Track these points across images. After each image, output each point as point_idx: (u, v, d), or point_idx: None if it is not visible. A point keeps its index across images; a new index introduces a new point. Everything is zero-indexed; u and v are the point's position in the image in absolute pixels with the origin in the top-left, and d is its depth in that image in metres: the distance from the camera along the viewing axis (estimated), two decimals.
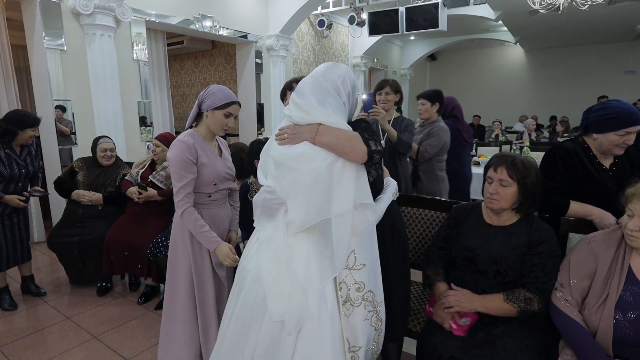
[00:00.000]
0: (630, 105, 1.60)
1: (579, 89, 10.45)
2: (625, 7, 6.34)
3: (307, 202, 1.19)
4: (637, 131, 1.57)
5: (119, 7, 3.81)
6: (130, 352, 2.17)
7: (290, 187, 1.22)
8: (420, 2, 5.45)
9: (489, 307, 1.36)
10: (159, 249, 2.48)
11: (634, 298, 1.15)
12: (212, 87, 1.72)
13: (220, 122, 1.72)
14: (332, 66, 1.32)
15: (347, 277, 1.22)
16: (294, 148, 1.24)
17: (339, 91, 1.28)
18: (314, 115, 1.24)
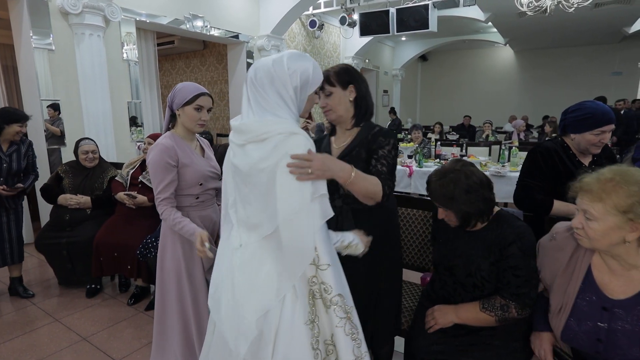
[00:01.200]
0: (604, 105, 1.65)
1: (567, 89, 10.62)
2: (611, 9, 6.46)
3: (266, 205, 1.08)
4: (611, 130, 1.62)
5: (108, 7, 3.78)
6: (120, 353, 2.16)
7: (251, 193, 1.11)
8: (411, 3, 5.49)
9: (465, 319, 1.31)
10: (148, 250, 2.47)
11: (591, 308, 1.08)
12: (178, 85, 1.69)
13: (193, 118, 1.67)
14: (289, 57, 1.13)
15: (317, 275, 1.08)
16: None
17: (283, 82, 1.10)
18: (259, 129, 1.08)
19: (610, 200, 0.98)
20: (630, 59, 9.83)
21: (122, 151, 4.12)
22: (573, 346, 1.15)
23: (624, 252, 1.03)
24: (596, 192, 1.00)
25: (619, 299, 1.05)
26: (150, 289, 2.85)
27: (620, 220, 0.97)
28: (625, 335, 1.02)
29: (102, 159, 3.06)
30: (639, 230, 0.98)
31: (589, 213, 1.01)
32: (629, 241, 1.00)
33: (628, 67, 9.86)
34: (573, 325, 1.10)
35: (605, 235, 1.00)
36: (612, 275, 1.08)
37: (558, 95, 10.74)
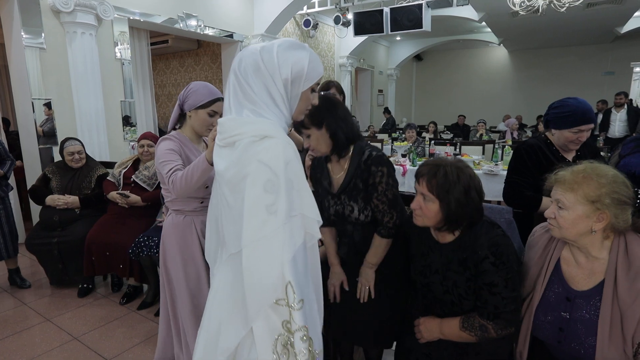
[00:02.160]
0: (586, 104, 1.68)
1: (561, 89, 10.67)
2: (602, 9, 6.51)
3: (232, 220, 0.92)
4: (589, 129, 1.65)
5: (100, 5, 3.76)
6: (111, 352, 2.15)
7: (220, 205, 0.98)
8: (405, 2, 5.51)
9: (448, 334, 1.24)
10: (141, 249, 2.47)
11: (557, 299, 1.14)
12: (193, 84, 1.59)
13: (204, 122, 1.58)
14: (281, 45, 0.95)
15: (291, 320, 0.85)
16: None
17: (272, 76, 0.93)
18: (233, 130, 0.93)
19: (581, 191, 1.04)
20: (622, 59, 9.90)
21: (115, 150, 4.09)
22: (537, 336, 1.17)
23: (589, 243, 1.09)
24: (569, 182, 1.07)
25: (582, 290, 1.10)
26: (143, 288, 2.84)
27: (588, 210, 1.04)
28: (583, 324, 1.07)
29: (89, 158, 3.04)
30: (605, 221, 1.04)
31: (561, 202, 1.07)
32: (595, 230, 1.06)
33: (620, 67, 9.94)
34: (540, 314, 1.15)
35: (574, 223, 1.06)
36: (578, 268, 1.13)
37: (552, 94, 10.76)
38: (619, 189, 1.03)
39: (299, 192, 0.88)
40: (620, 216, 1.03)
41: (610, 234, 1.09)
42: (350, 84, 8.33)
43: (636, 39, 9.49)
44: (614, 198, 1.03)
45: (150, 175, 2.81)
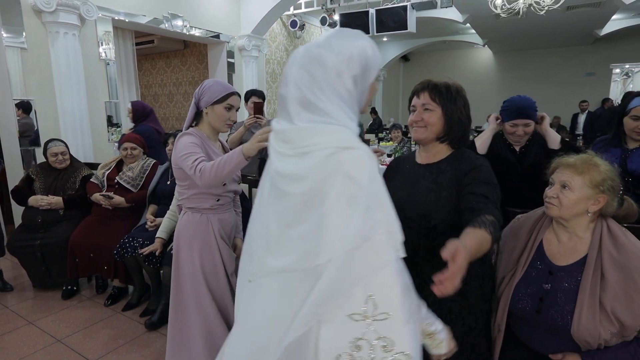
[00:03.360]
0: (526, 101, 1.84)
1: (544, 89, 10.90)
2: (582, 12, 6.68)
3: (290, 237, 0.83)
4: (524, 124, 1.82)
5: (83, 5, 3.72)
6: (96, 353, 2.15)
7: (279, 215, 0.86)
8: (390, 4, 5.57)
9: (474, 247, 0.95)
10: (126, 250, 2.46)
11: (538, 274, 1.24)
12: (207, 81, 1.62)
13: (222, 117, 1.61)
14: (338, 36, 0.86)
15: (367, 331, 0.77)
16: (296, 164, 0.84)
17: (339, 73, 0.83)
18: (305, 141, 0.83)
19: (588, 175, 1.17)
20: (602, 60, 10.17)
21: (99, 151, 4.06)
22: (516, 308, 1.25)
23: (579, 223, 1.21)
24: (578, 167, 1.19)
25: (563, 265, 1.21)
26: (128, 290, 2.82)
27: (591, 193, 1.17)
28: (564, 293, 1.18)
29: (74, 159, 3.02)
30: (600, 204, 1.18)
31: (567, 183, 1.19)
32: (590, 212, 1.19)
33: (600, 68, 10.19)
34: (521, 287, 1.25)
35: (577, 203, 1.18)
36: (560, 246, 1.24)
37: (536, 95, 10.85)
38: (615, 177, 1.18)
39: (384, 208, 0.79)
40: (611, 202, 1.18)
41: (595, 218, 1.21)
42: None
43: (615, 41, 9.75)
44: (611, 185, 1.17)
45: (134, 176, 2.80)
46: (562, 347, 1.18)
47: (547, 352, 1.22)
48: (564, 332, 1.15)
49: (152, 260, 2.42)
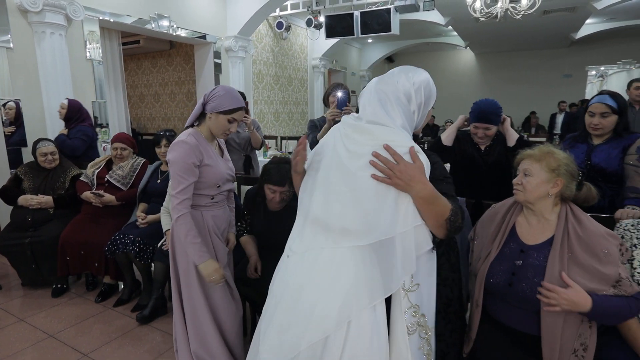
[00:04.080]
0: (488, 106, 1.99)
1: (524, 90, 11.24)
2: (558, 16, 6.95)
3: (365, 213, 1.04)
4: (484, 128, 2.00)
5: (70, 5, 3.74)
6: (89, 347, 2.20)
7: (349, 194, 1.06)
8: (374, 7, 5.70)
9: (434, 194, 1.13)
10: (117, 246, 2.51)
11: (511, 253, 1.39)
12: (219, 88, 1.65)
13: (223, 127, 1.66)
14: (409, 70, 1.16)
15: (403, 301, 1.06)
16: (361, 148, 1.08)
17: (409, 98, 1.13)
18: (380, 137, 1.08)
19: (544, 162, 1.34)
20: (578, 63, 10.53)
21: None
22: (491, 282, 1.39)
23: (544, 206, 1.36)
24: (536, 156, 1.36)
25: (533, 244, 1.37)
26: (119, 286, 2.87)
27: (549, 177, 1.33)
28: (533, 268, 1.31)
29: (63, 158, 3.04)
30: (558, 187, 1.33)
31: (528, 170, 1.36)
32: (550, 195, 1.34)
33: (577, 70, 10.55)
34: (496, 264, 1.39)
35: (537, 187, 1.34)
36: (530, 228, 1.40)
37: (516, 95, 11.34)
38: (570, 163, 1.35)
39: None
40: (569, 185, 1.34)
41: (558, 202, 1.37)
42: (323, 85, 8.49)
43: (590, 44, 10.13)
44: (567, 170, 1.33)
45: (124, 174, 2.85)
46: (529, 321, 1.31)
47: (516, 326, 1.35)
48: (533, 304, 1.28)
49: (143, 256, 2.48)
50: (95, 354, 2.14)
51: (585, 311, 1.19)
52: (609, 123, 1.94)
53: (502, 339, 1.38)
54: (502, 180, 2.00)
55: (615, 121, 1.94)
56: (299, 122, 8.21)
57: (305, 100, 8.37)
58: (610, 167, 1.95)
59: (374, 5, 5.79)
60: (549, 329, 1.24)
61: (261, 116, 7.01)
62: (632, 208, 1.78)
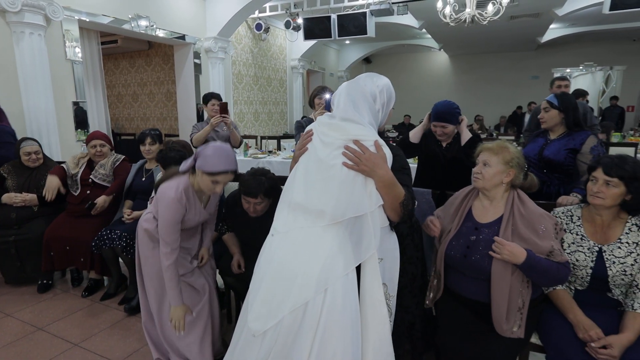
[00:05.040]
0: (445, 108, 2.23)
1: (495, 91, 11.75)
2: (523, 21, 7.35)
3: (338, 196, 1.21)
4: (441, 126, 2.23)
5: (49, 6, 3.76)
6: (79, 337, 2.29)
7: (325, 181, 1.24)
8: (350, 10, 5.91)
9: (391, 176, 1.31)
10: (103, 241, 2.59)
11: (467, 230, 1.61)
12: (211, 148, 1.68)
13: (208, 186, 1.70)
14: (374, 76, 1.36)
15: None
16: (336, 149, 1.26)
17: (375, 98, 1.32)
18: (351, 132, 1.26)
19: (501, 155, 1.56)
20: (545, 65, 11.10)
21: (67, 152, 4.08)
22: (449, 256, 1.60)
23: (497, 192, 1.59)
24: (494, 149, 1.58)
25: (486, 222, 1.59)
26: (104, 281, 2.95)
27: (504, 168, 1.55)
28: (484, 242, 1.53)
29: (47, 157, 3.08)
30: (510, 177, 1.56)
31: (487, 162, 1.57)
32: (504, 182, 1.57)
33: (544, 72, 11.13)
34: (454, 240, 1.60)
35: (494, 176, 1.55)
36: (483, 210, 1.62)
37: (488, 95, 11.83)
38: (520, 157, 1.58)
39: None
40: (518, 175, 1.57)
41: (508, 189, 1.59)
42: (302, 85, 8.64)
43: (555, 48, 10.69)
44: (518, 162, 1.55)
45: (107, 172, 2.90)
46: (481, 290, 1.51)
47: (470, 296, 1.57)
48: (484, 273, 1.49)
49: (129, 251, 2.58)
50: (85, 344, 2.23)
51: (521, 262, 1.40)
52: (550, 117, 2.22)
53: (458, 307, 1.59)
54: (460, 174, 2.22)
55: (556, 115, 2.20)
56: (279, 122, 8.34)
57: (284, 100, 8.50)
58: (557, 160, 2.20)
59: (350, 8, 6.00)
60: (497, 294, 1.45)
61: (241, 116, 7.11)
62: (575, 195, 2.02)
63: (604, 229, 1.55)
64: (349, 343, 1.20)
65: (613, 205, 1.50)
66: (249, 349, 1.28)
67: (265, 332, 1.23)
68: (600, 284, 1.51)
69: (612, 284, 1.49)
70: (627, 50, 10.27)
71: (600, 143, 2.17)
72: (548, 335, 1.53)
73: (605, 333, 1.41)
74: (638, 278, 1.46)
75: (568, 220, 1.62)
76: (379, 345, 1.26)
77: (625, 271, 1.46)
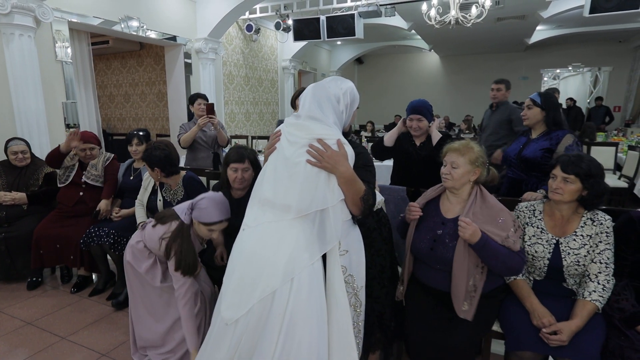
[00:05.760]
0: (419, 103, 2.35)
1: (485, 91, 11.76)
2: (510, 23, 7.48)
3: (302, 191, 1.30)
4: (417, 119, 2.34)
5: (39, 8, 3.81)
6: (67, 331, 2.36)
7: (291, 178, 1.32)
8: (339, 12, 6.00)
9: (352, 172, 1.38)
10: (92, 239, 2.67)
11: (434, 224, 1.70)
12: (207, 200, 1.82)
13: (204, 234, 1.86)
14: (338, 79, 1.46)
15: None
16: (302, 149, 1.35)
17: (338, 100, 1.41)
18: (315, 131, 1.35)
19: (467, 155, 1.64)
20: (534, 66, 11.29)
21: None
22: (417, 248, 1.69)
23: (463, 190, 1.68)
24: (461, 150, 1.65)
25: (451, 217, 1.68)
26: (93, 278, 3.02)
27: (471, 168, 1.63)
28: (449, 235, 1.63)
29: (35, 157, 3.14)
30: (477, 175, 1.65)
31: (455, 163, 1.64)
32: (471, 181, 1.66)
33: (533, 73, 11.32)
34: (422, 234, 1.69)
35: (462, 176, 1.64)
36: (450, 205, 1.71)
37: (476, 96, 11.97)
38: (484, 155, 1.66)
39: None
40: (483, 173, 1.66)
41: (473, 185, 1.67)
42: (293, 86, 8.72)
43: (543, 49, 10.86)
44: (482, 161, 1.64)
45: (98, 173, 2.96)
46: (444, 281, 1.61)
47: (434, 285, 1.67)
48: (447, 265, 1.59)
49: (117, 247, 2.65)
50: (73, 337, 2.30)
51: (476, 241, 1.51)
52: (532, 114, 2.28)
53: (425, 297, 1.69)
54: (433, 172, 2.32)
55: (538, 113, 2.26)
56: (270, 122, 8.41)
57: (275, 100, 8.58)
58: (534, 159, 2.26)
59: (339, 10, 6.09)
60: (456, 278, 1.56)
61: (232, 116, 7.18)
62: (541, 192, 2.12)
63: (562, 223, 1.65)
64: (315, 330, 1.28)
65: (571, 200, 1.60)
66: (222, 337, 1.36)
67: (237, 321, 1.32)
68: (556, 274, 1.62)
69: (566, 274, 1.60)
70: (614, 51, 10.46)
71: (577, 142, 2.21)
72: (507, 322, 1.64)
73: (559, 320, 1.51)
74: (590, 268, 1.56)
75: (530, 215, 1.72)
76: (341, 334, 1.34)
77: (578, 262, 1.56)
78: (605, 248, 1.55)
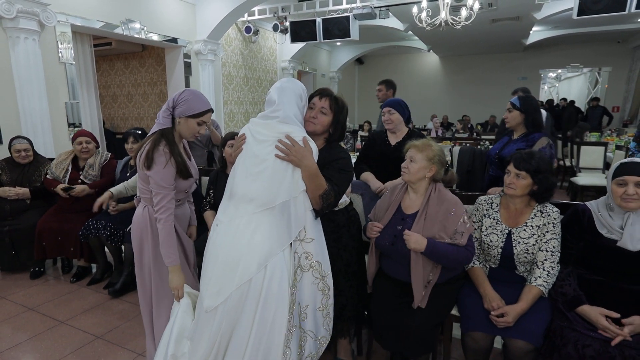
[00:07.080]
0: (393, 99, 2.50)
1: (484, 91, 11.97)
2: (506, 24, 7.57)
3: (270, 185, 1.45)
4: (388, 111, 2.45)
5: (43, 12, 4.00)
6: (66, 316, 2.53)
7: (260, 173, 1.46)
8: (335, 14, 6.15)
9: (315, 169, 1.54)
10: (90, 231, 2.84)
11: (395, 220, 1.83)
12: (187, 92, 1.68)
13: (193, 130, 1.71)
14: (295, 80, 1.66)
15: (299, 248, 1.52)
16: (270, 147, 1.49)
17: (300, 97, 1.61)
18: (282, 129, 1.50)
19: (425, 152, 1.76)
20: (532, 66, 11.35)
21: (60, 149, 4.30)
22: (380, 243, 1.82)
23: (420, 185, 1.80)
24: (419, 147, 1.78)
25: (410, 213, 1.80)
26: (92, 268, 3.19)
27: (427, 164, 1.76)
28: (407, 230, 1.73)
29: (37, 155, 3.33)
30: (432, 172, 1.77)
31: (413, 158, 1.77)
32: (427, 177, 1.77)
33: (531, 73, 11.38)
34: (385, 230, 1.81)
35: (418, 171, 1.76)
36: (410, 201, 1.83)
37: (478, 95, 12.06)
38: (442, 155, 1.77)
39: None
40: (440, 171, 1.78)
41: (431, 182, 1.79)
42: None
43: (541, 49, 10.92)
44: (439, 159, 1.76)
45: (96, 173, 3.11)
46: (405, 272, 1.75)
47: (397, 276, 1.80)
48: (407, 259, 1.71)
49: (114, 239, 2.82)
50: (71, 322, 2.48)
51: (423, 249, 1.64)
52: (512, 117, 2.39)
53: (389, 286, 1.83)
54: None
55: (517, 116, 2.36)
56: None
57: None
58: (508, 157, 2.38)
59: (334, 12, 6.23)
60: (414, 273, 1.69)
61: (231, 116, 7.35)
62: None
63: (516, 215, 1.79)
64: (285, 310, 1.46)
65: (523, 194, 1.74)
66: (205, 324, 1.50)
67: (217, 308, 1.45)
68: (508, 261, 1.76)
69: (517, 261, 1.74)
70: (612, 51, 10.51)
71: (550, 145, 2.28)
72: (463, 307, 1.77)
73: (509, 304, 1.65)
74: (538, 256, 1.70)
75: (488, 207, 1.86)
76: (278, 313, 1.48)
77: (527, 250, 1.70)
78: (551, 237, 1.68)
